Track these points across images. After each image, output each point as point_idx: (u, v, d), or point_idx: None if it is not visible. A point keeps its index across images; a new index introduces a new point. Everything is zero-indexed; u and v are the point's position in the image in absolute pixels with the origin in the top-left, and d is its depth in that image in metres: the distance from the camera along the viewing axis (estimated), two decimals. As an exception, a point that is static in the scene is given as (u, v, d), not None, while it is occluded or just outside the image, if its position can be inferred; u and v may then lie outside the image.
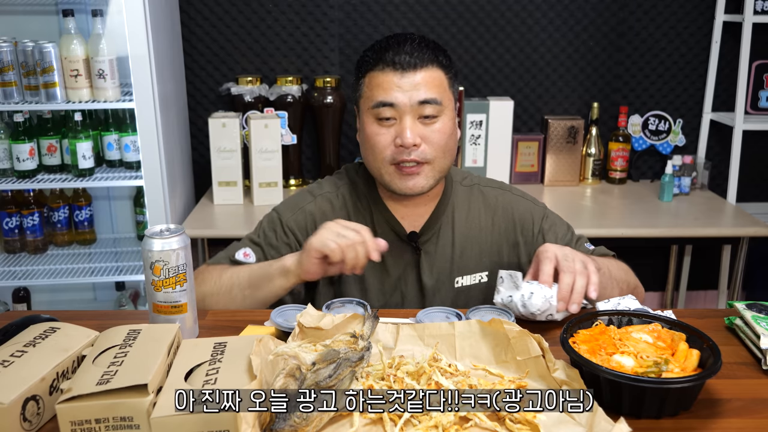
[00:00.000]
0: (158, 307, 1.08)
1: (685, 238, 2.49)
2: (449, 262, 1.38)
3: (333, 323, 1.01)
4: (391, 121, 1.27)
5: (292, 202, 1.41)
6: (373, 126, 1.28)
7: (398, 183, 1.29)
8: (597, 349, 0.96)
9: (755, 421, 0.90)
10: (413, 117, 1.25)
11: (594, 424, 0.81)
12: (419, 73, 1.25)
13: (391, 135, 1.27)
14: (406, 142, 1.24)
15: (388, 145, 1.27)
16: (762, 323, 1.05)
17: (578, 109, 2.79)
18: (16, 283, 2.45)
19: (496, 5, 2.66)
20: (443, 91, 1.28)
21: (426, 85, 1.25)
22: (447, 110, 1.29)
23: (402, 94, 1.24)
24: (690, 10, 2.70)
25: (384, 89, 1.25)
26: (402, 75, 1.24)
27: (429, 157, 1.27)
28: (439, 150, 1.28)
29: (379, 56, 1.27)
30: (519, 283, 1.14)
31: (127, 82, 2.27)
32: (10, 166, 2.34)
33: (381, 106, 1.25)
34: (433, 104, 1.25)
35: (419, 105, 1.25)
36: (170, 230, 1.07)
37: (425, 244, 1.37)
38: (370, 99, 1.28)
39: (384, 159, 1.28)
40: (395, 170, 1.28)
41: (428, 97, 1.25)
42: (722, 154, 2.83)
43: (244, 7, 2.63)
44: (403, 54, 1.25)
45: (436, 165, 1.29)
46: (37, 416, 0.88)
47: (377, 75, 1.27)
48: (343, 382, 0.86)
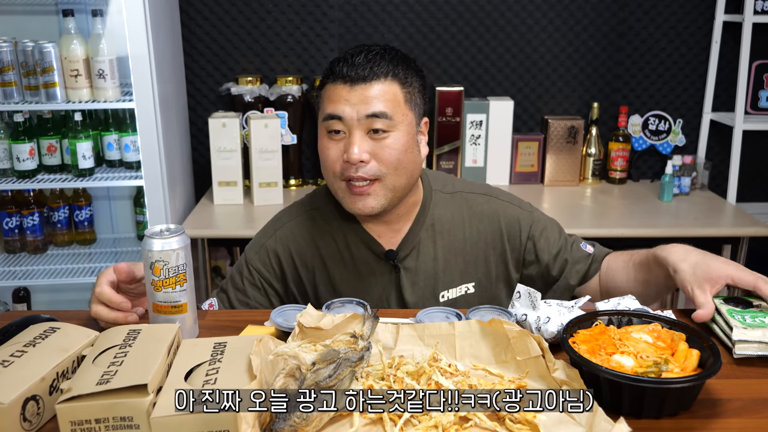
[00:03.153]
0: (158, 307, 1.08)
1: (685, 238, 2.49)
2: (432, 277, 1.34)
3: (333, 323, 1.01)
4: (340, 135, 1.23)
5: (256, 240, 1.40)
6: (324, 139, 1.25)
7: (348, 203, 1.26)
8: (597, 349, 0.96)
9: (755, 421, 0.90)
10: (362, 131, 1.21)
11: (594, 424, 0.81)
12: (370, 86, 1.20)
13: (339, 149, 1.23)
14: (351, 157, 1.20)
15: (337, 160, 1.23)
16: (737, 316, 1.09)
17: (578, 109, 2.79)
18: (16, 283, 2.45)
19: (496, 5, 2.66)
20: (396, 105, 1.22)
21: (376, 99, 1.20)
22: (401, 125, 1.23)
23: (350, 108, 1.20)
24: (690, 10, 2.70)
25: (333, 101, 1.22)
26: (351, 88, 1.21)
27: (378, 174, 1.22)
28: (390, 167, 1.22)
29: (333, 68, 1.24)
30: (537, 304, 1.10)
31: (127, 82, 2.27)
32: (10, 166, 2.34)
33: (330, 118, 1.22)
34: (382, 118, 1.20)
35: (367, 119, 1.20)
36: (170, 230, 1.07)
37: (404, 260, 1.33)
38: (322, 111, 1.25)
39: (335, 174, 1.24)
40: (346, 187, 1.24)
41: (376, 111, 1.20)
42: (722, 154, 2.83)
43: (244, 7, 2.63)
44: (355, 66, 1.21)
45: (388, 183, 1.23)
46: (37, 416, 0.88)
47: (329, 87, 1.24)
48: (343, 382, 0.86)
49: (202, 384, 0.85)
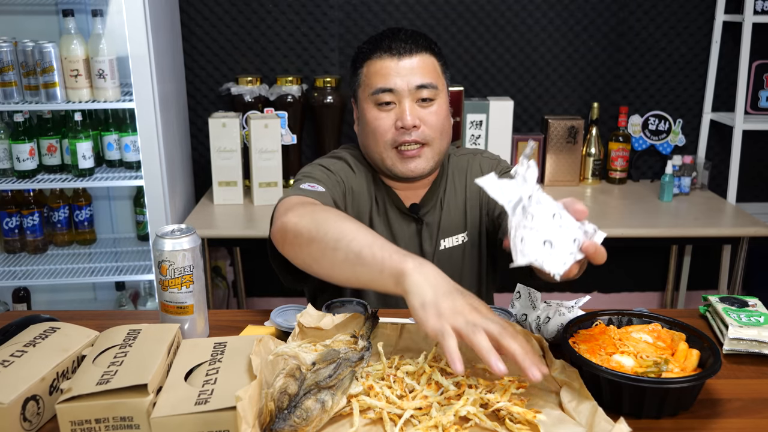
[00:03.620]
0: (165, 306, 1.08)
1: (685, 238, 2.49)
2: (437, 227, 1.43)
3: (333, 323, 1.01)
4: (390, 106, 1.32)
5: (321, 160, 1.42)
6: (374, 111, 1.33)
7: (400, 167, 1.33)
8: (597, 349, 0.96)
9: (755, 421, 0.90)
10: (411, 100, 1.31)
11: (594, 424, 0.81)
12: (415, 58, 1.31)
13: (391, 119, 1.32)
14: (407, 123, 1.29)
15: (389, 129, 1.32)
16: (732, 315, 1.11)
17: (578, 109, 2.79)
18: (16, 283, 2.45)
19: (496, 5, 2.66)
20: (437, 76, 1.34)
21: (422, 70, 1.31)
22: (442, 94, 1.35)
23: (400, 79, 1.30)
24: (690, 10, 2.70)
25: (383, 75, 1.31)
26: (399, 60, 1.31)
27: (428, 138, 1.32)
28: (437, 131, 1.33)
29: (376, 45, 1.33)
30: (537, 304, 1.11)
31: (127, 82, 2.27)
32: (10, 166, 2.34)
33: (381, 92, 1.31)
34: (429, 88, 1.31)
35: (416, 89, 1.30)
36: (181, 230, 1.08)
37: (426, 215, 1.42)
38: (369, 86, 1.33)
39: (386, 143, 1.32)
40: (396, 154, 1.33)
41: (425, 82, 1.30)
42: (722, 154, 2.83)
43: (244, 7, 2.63)
44: (398, 41, 1.32)
45: (435, 146, 1.34)
46: (37, 416, 0.88)
47: (375, 62, 1.32)
48: (343, 382, 0.86)
49: (202, 384, 0.85)
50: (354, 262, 0.97)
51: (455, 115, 2.57)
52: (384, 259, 0.94)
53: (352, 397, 0.87)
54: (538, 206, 0.88)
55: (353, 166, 1.41)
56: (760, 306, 1.15)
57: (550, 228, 0.88)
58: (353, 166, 1.41)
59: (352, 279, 1.00)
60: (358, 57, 1.37)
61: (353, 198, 1.38)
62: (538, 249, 0.86)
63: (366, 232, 1.01)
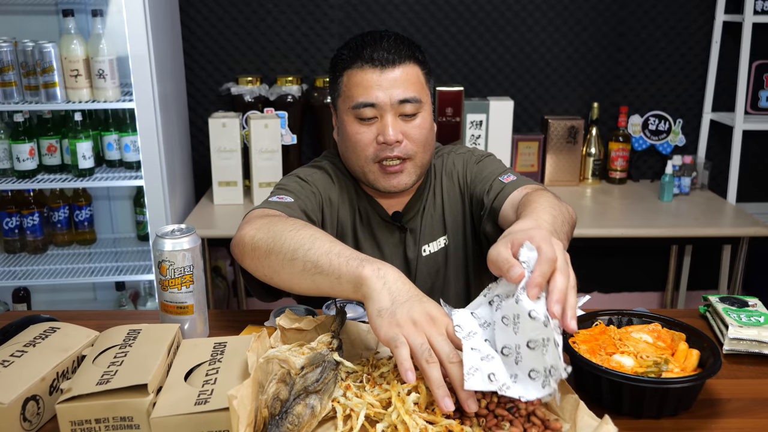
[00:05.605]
0: (165, 306, 1.08)
1: (685, 238, 2.50)
2: (419, 232, 1.39)
3: (313, 323, 1.00)
4: (372, 120, 1.26)
5: (300, 170, 1.39)
6: (354, 125, 1.27)
7: (382, 182, 1.29)
8: (597, 349, 0.96)
9: (755, 421, 0.90)
10: (394, 114, 1.25)
11: (578, 419, 0.81)
12: (398, 69, 1.24)
13: (372, 133, 1.26)
14: (389, 139, 1.23)
15: (370, 143, 1.26)
16: (732, 315, 1.12)
17: (578, 109, 2.79)
18: (16, 283, 2.45)
19: (496, 5, 2.66)
20: (421, 87, 1.28)
21: (405, 83, 1.24)
22: (425, 106, 1.29)
23: (382, 93, 1.23)
24: (690, 10, 2.70)
25: (364, 87, 1.24)
26: (381, 72, 1.24)
27: (411, 153, 1.27)
28: (420, 145, 1.28)
29: (357, 54, 1.25)
30: None
31: (127, 82, 2.27)
32: (10, 166, 2.34)
33: (362, 106, 1.24)
34: (413, 102, 1.25)
35: (399, 104, 1.24)
36: (181, 230, 1.08)
37: (408, 222, 1.38)
38: (350, 99, 1.26)
39: (367, 157, 1.27)
40: (378, 169, 1.28)
41: (408, 96, 1.24)
42: (722, 154, 2.83)
43: (244, 7, 2.63)
44: (381, 50, 1.24)
45: (418, 160, 1.29)
46: (37, 416, 0.88)
47: (356, 73, 1.25)
48: (329, 385, 0.86)
49: (202, 384, 0.85)
50: (312, 272, 0.97)
51: (455, 114, 2.57)
52: (341, 266, 0.94)
53: (334, 400, 0.86)
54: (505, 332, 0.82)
55: (333, 177, 1.36)
56: (760, 306, 1.15)
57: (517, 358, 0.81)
58: (333, 176, 1.36)
59: (312, 288, 0.99)
60: (338, 64, 1.29)
61: (332, 209, 1.34)
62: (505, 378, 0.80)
63: (324, 240, 1.00)
